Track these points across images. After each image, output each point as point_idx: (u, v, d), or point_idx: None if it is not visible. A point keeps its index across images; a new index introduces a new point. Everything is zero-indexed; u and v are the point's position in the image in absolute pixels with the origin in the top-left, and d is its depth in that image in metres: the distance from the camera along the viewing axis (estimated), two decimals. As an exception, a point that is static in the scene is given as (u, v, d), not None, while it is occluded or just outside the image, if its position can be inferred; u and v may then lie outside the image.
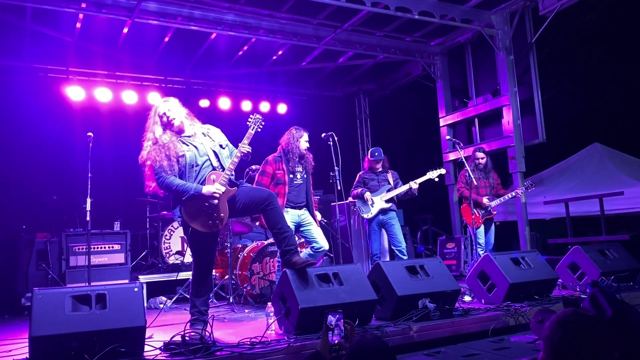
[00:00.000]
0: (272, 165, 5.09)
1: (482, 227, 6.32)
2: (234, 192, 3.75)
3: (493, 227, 6.50)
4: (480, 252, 6.10)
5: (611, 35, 10.72)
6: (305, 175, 5.20)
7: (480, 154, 6.54)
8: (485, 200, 6.29)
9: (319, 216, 5.60)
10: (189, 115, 3.92)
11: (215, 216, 3.67)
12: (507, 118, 7.69)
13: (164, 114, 3.78)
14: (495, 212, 6.41)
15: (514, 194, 6.40)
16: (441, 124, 8.98)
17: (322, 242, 4.95)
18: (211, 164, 3.77)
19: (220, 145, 3.91)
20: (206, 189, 3.63)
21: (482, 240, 6.30)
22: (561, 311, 1.45)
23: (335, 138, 5.29)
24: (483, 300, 4.67)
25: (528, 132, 7.65)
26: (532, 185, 6.48)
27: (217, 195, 3.64)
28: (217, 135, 3.98)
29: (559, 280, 5.22)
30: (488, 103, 8.09)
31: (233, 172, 3.81)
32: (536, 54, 7.67)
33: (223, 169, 3.78)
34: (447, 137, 8.25)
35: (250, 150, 3.83)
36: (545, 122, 7.54)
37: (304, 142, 5.16)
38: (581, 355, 1.34)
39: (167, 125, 3.78)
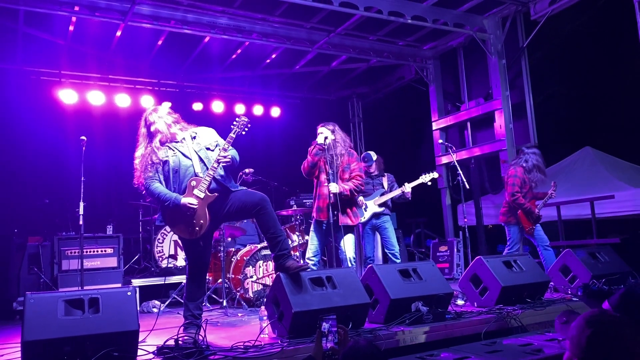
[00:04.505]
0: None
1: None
2: (213, 199, 3.70)
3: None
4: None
5: (602, 40, 10.84)
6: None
7: (538, 151, 5.92)
8: (536, 210, 5.88)
9: (338, 187, 4.79)
10: (179, 121, 3.92)
11: (194, 223, 3.69)
12: (499, 122, 7.75)
13: (151, 124, 3.81)
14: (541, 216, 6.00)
15: (549, 196, 6.05)
16: (434, 128, 9.02)
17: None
18: (194, 170, 3.77)
19: (208, 148, 3.90)
20: (184, 201, 3.65)
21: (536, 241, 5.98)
22: (588, 311, 1.50)
23: None
24: (476, 303, 4.69)
25: (520, 135, 7.71)
26: (556, 185, 6.16)
27: (193, 207, 3.65)
28: (206, 138, 3.95)
29: (551, 283, 5.27)
30: (480, 107, 8.14)
31: (223, 174, 3.80)
32: (528, 58, 7.74)
33: None
34: (440, 141, 8.29)
35: (236, 156, 3.81)
36: (537, 126, 7.59)
37: (320, 137, 4.86)
38: (608, 354, 1.38)
39: (155, 135, 3.79)
